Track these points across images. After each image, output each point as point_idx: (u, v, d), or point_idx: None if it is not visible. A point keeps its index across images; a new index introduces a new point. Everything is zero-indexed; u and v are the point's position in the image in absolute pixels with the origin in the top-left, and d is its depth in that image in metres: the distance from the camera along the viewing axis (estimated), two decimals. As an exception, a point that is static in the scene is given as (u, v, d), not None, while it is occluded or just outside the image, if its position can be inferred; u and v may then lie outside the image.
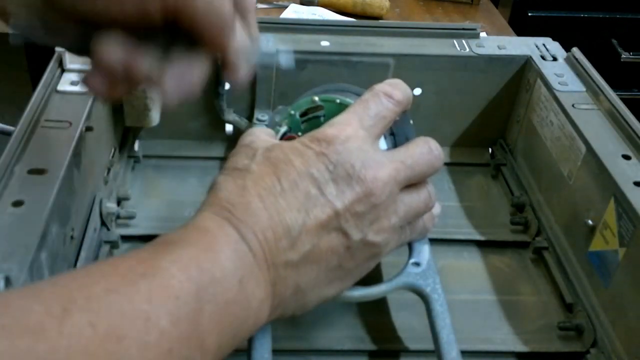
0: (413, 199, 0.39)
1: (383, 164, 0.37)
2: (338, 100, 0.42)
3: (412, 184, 0.39)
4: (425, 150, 0.39)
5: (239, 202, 0.34)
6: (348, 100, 0.42)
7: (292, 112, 0.44)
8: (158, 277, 0.29)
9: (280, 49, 0.40)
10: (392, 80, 0.41)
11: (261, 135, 0.40)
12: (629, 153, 0.45)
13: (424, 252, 0.43)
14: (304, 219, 0.35)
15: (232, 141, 0.60)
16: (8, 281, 0.32)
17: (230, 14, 0.31)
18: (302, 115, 0.43)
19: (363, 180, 0.36)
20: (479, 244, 0.53)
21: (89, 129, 0.46)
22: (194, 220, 0.34)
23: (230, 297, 0.32)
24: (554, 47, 0.60)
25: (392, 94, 0.39)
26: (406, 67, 0.57)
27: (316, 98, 0.43)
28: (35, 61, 1.14)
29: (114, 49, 0.30)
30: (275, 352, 0.38)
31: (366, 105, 0.39)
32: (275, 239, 0.34)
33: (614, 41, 1.25)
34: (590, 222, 0.46)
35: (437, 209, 0.43)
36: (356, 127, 0.37)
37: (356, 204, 0.36)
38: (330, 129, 0.37)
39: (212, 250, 0.32)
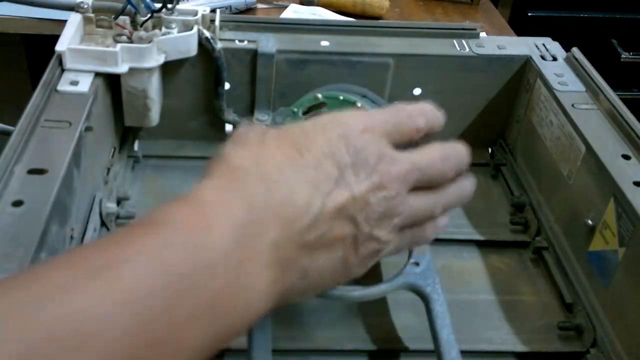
0: (418, 203, 0.38)
1: (397, 161, 0.36)
2: (341, 97, 0.42)
3: (420, 188, 0.38)
4: (440, 157, 0.38)
5: (255, 172, 0.32)
6: (351, 97, 0.42)
7: (295, 109, 0.43)
8: (122, 270, 0.26)
9: None
10: (422, 105, 0.39)
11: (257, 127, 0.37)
12: (629, 153, 0.45)
13: (424, 252, 0.43)
14: (324, 200, 0.33)
15: (232, 141, 0.60)
16: (8, 281, 0.32)
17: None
18: (305, 112, 0.43)
19: (378, 172, 0.35)
20: (478, 244, 0.53)
21: (88, 128, 0.46)
22: (193, 192, 0.31)
23: (222, 285, 0.29)
24: (554, 47, 0.60)
25: (415, 118, 0.38)
26: (406, 67, 0.57)
27: (319, 95, 0.42)
28: (35, 61, 1.14)
29: None
30: (275, 352, 0.38)
31: (389, 113, 0.38)
32: (293, 218, 0.32)
33: (614, 41, 1.25)
34: (590, 222, 0.46)
35: (442, 221, 0.41)
36: (380, 122, 0.36)
37: (370, 194, 0.35)
38: (352, 115, 0.36)
39: (205, 231, 0.29)
